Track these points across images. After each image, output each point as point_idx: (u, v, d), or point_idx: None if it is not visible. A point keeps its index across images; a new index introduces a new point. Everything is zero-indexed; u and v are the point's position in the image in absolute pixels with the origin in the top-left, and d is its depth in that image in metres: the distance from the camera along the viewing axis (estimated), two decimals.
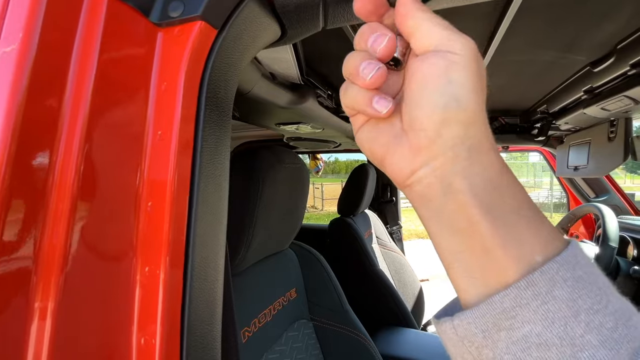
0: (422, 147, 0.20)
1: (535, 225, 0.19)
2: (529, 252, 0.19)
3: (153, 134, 0.26)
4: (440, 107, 0.20)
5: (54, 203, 0.21)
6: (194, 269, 0.27)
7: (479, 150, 0.20)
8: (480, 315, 0.19)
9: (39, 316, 0.20)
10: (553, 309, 0.17)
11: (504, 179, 0.20)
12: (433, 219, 0.21)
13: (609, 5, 0.60)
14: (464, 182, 0.20)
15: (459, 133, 0.20)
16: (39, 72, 0.22)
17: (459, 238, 0.20)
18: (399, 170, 0.22)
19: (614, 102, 0.86)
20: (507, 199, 0.20)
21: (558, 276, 0.18)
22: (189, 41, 0.27)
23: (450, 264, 0.21)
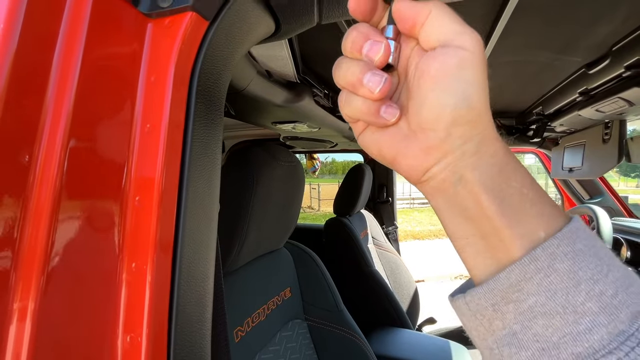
0: (433, 147, 0.21)
1: (538, 205, 0.21)
2: (534, 229, 0.20)
3: (141, 127, 0.26)
4: (450, 107, 0.20)
5: (35, 200, 0.21)
6: (182, 266, 0.26)
7: (486, 143, 0.21)
8: (489, 290, 0.20)
9: (18, 317, 0.19)
10: (555, 281, 0.19)
11: (509, 164, 0.21)
12: (447, 209, 0.23)
13: (604, 7, 0.60)
14: (473, 173, 0.21)
15: (467, 131, 0.21)
16: (21, 62, 0.21)
17: (471, 223, 0.22)
18: (413, 170, 0.23)
19: (609, 104, 0.86)
20: (512, 182, 0.21)
21: (559, 250, 0.19)
22: (179, 32, 0.26)
23: (463, 247, 0.22)
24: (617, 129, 0.98)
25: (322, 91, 1.04)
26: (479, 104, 0.20)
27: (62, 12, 0.23)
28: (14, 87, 0.20)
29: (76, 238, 0.23)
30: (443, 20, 0.20)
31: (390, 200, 2.16)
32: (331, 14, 0.34)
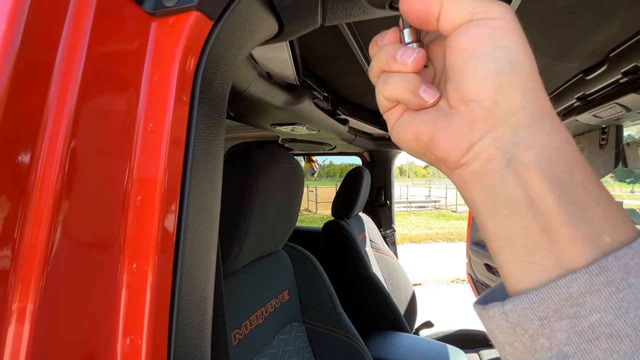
0: (478, 118, 0.19)
1: (604, 205, 0.18)
2: (599, 231, 0.17)
3: (144, 127, 0.26)
4: (491, 74, 0.18)
5: (35, 200, 0.20)
6: (184, 267, 0.26)
7: (542, 116, 0.18)
8: (540, 300, 0.17)
9: (17, 318, 0.19)
10: (628, 298, 0.16)
11: (571, 149, 0.18)
12: (487, 200, 0.19)
13: (601, 15, 0.61)
14: (528, 153, 0.18)
15: (518, 98, 0.18)
16: (24, 60, 0.21)
17: (517, 217, 0.18)
18: (453, 147, 0.20)
19: (606, 109, 0.87)
20: (575, 173, 0.18)
21: (633, 262, 0.16)
22: (183, 32, 0.26)
23: (502, 248, 0.19)
24: (613, 134, 0.99)
25: (322, 93, 1.04)
26: (527, 69, 0.18)
27: (66, 10, 0.23)
28: (16, 86, 0.20)
29: (77, 238, 0.22)
30: (459, 1, 0.19)
31: (388, 203, 2.16)
32: (335, 16, 0.34)
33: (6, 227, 0.19)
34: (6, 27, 0.20)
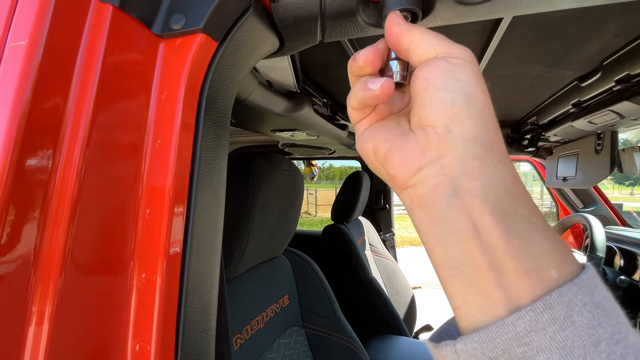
0: (431, 143, 0.19)
1: (549, 239, 0.18)
2: (544, 266, 0.17)
3: (153, 143, 0.27)
4: (448, 103, 0.19)
5: (54, 207, 0.22)
6: (189, 276, 0.27)
7: (491, 149, 0.19)
8: (489, 339, 0.17)
9: (37, 320, 0.20)
10: (572, 336, 0.16)
11: (517, 183, 0.19)
12: (434, 226, 0.19)
13: (595, 24, 0.63)
14: (475, 183, 0.18)
15: (470, 129, 0.19)
16: (43, 76, 0.22)
17: (463, 248, 0.18)
18: (404, 167, 0.21)
19: (601, 116, 0.88)
20: (520, 206, 0.18)
21: (577, 299, 0.16)
22: (190, 53, 0.28)
23: (450, 278, 0.19)
24: (609, 140, 1.01)
25: (321, 100, 1.05)
26: (480, 102, 0.19)
27: (82, 31, 0.24)
28: (37, 102, 0.21)
29: (90, 247, 0.24)
30: (429, 39, 0.21)
31: (387, 207, 2.17)
32: (333, 34, 0.35)
33: (28, 231, 0.21)
34: (30, 40, 0.22)
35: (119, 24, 0.26)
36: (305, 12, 0.32)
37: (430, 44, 0.21)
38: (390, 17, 0.24)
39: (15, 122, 0.21)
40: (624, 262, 1.22)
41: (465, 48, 0.21)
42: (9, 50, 0.22)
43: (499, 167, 0.19)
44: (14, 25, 0.23)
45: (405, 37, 0.22)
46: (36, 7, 0.22)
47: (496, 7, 0.29)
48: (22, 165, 0.21)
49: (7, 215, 0.20)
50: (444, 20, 0.32)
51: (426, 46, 0.21)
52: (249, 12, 0.30)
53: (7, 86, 0.21)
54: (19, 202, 0.20)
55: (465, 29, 0.61)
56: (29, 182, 0.21)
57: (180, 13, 0.27)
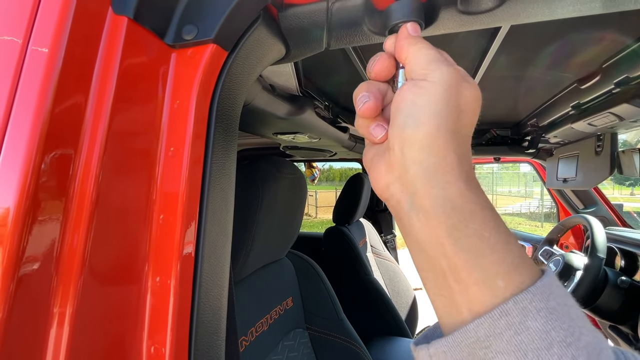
0: (393, 163, 0.23)
1: (500, 252, 0.19)
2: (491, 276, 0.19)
3: (166, 150, 0.28)
4: (401, 127, 0.22)
5: (74, 211, 0.23)
6: (202, 279, 0.28)
7: (436, 172, 0.21)
8: (456, 344, 0.19)
9: (58, 322, 0.21)
10: (526, 340, 0.17)
11: (466, 202, 0.20)
12: (406, 237, 0.22)
13: (594, 29, 0.64)
14: (425, 201, 0.21)
15: (416, 153, 0.21)
16: (64, 83, 0.23)
17: (426, 257, 0.21)
18: (376, 182, 0.24)
19: (600, 118, 0.89)
20: (470, 222, 0.20)
21: (531, 306, 0.18)
22: (201, 62, 0.28)
23: (425, 280, 0.22)
24: (608, 142, 1.01)
25: (323, 103, 1.06)
26: (426, 128, 0.21)
27: (99, 43, 0.25)
28: (58, 110, 0.22)
29: (108, 251, 0.24)
30: (416, 58, 0.23)
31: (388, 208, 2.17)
32: (338, 42, 0.36)
33: (50, 235, 0.22)
34: (50, 48, 0.23)
35: (133, 35, 0.26)
36: (312, 22, 0.33)
37: (416, 63, 0.23)
38: (400, 30, 0.26)
39: (37, 129, 0.21)
40: (624, 263, 1.23)
41: (444, 69, 0.22)
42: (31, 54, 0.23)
43: (446, 187, 0.21)
44: (35, 33, 0.24)
45: (402, 53, 0.24)
46: (56, 18, 0.23)
47: (498, 16, 0.30)
48: (44, 171, 0.21)
49: (32, 219, 0.20)
50: (448, 28, 0.33)
51: (413, 65, 0.23)
52: (258, 22, 0.30)
53: (29, 94, 0.22)
54: (42, 206, 0.21)
55: (467, 32, 0.62)
56: (50, 187, 0.22)
57: (192, 24, 0.28)
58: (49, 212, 0.22)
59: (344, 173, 22.86)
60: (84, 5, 0.24)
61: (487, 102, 1.16)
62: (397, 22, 0.27)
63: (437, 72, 0.22)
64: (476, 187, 0.21)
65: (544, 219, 11.63)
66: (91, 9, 0.24)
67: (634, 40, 0.65)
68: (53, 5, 0.23)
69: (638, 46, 0.66)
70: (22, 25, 0.24)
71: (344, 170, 22.39)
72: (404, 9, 0.27)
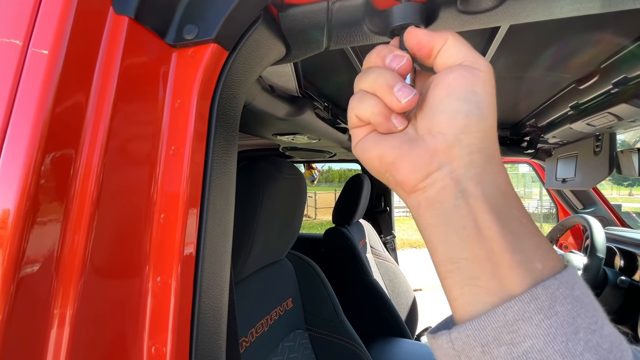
0: (439, 149, 0.21)
1: (535, 237, 0.20)
2: (532, 259, 0.19)
3: (167, 149, 0.28)
4: (463, 114, 0.21)
5: (75, 212, 0.22)
6: (203, 279, 0.28)
7: (492, 159, 0.21)
8: (481, 327, 0.19)
9: (58, 323, 0.21)
10: (555, 325, 0.17)
11: (510, 189, 0.21)
12: (439, 225, 0.21)
13: (591, 29, 0.64)
14: (478, 186, 0.20)
15: (477, 141, 0.21)
16: (65, 83, 0.23)
17: (465, 243, 0.20)
18: (413, 172, 0.22)
19: (599, 118, 0.90)
20: (513, 208, 0.21)
21: (559, 292, 0.18)
22: (202, 62, 0.28)
23: (449, 272, 0.21)
24: (607, 142, 1.02)
25: (323, 104, 1.06)
26: (490, 118, 0.21)
27: (100, 42, 0.25)
28: (58, 110, 0.22)
29: (108, 251, 0.24)
30: (460, 46, 0.23)
31: (388, 209, 2.18)
32: (339, 42, 0.36)
33: (51, 235, 0.21)
34: (51, 51, 0.23)
35: (134, 34, 0.26)
36: (312, 22, 0.33)
37: (459, 50, 0.22)
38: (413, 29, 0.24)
39: (38, 129, 0.21)
40: (624, 263, 1.23)
41: (487, 62, 0.22)
42: (31, 55, 0.23)
43: (497, 175, 0.21)
44: (35, 34, 0.24)
45: (438, 41, 0.23)
46: (57, 19, 0.23)
47: (498, 16, 0.30)
48: (44, 171, 0.21)
49: (32, 220, 0.20)
50: (448, 28, 0.33)
51: (456, 51, 0.22)
52: (258, 22, 0.31)
53: (30, 94, 0.22)
54: (42, 207, 0.21)
55: (466, 32, 0.63)
56: (51, 188, 0.22)
57: (193, 24, 0.28)
58: (49, 213, 0.22)
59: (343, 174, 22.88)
60: (84, 5, 0.24)
61: None
62: (400, 24, 0.27)
63: (485, 62, 0.22)
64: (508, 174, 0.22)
65: (543, 220, 11.64)
66: (92, 9, 0.24)
67: (632, 40, 0.65)
68: (54, 6, 0.23)
69: (636, 47, 0.66)
70: (23, 26, 0.24)
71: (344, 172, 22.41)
72: (406, 9, 0.27)
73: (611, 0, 0.28)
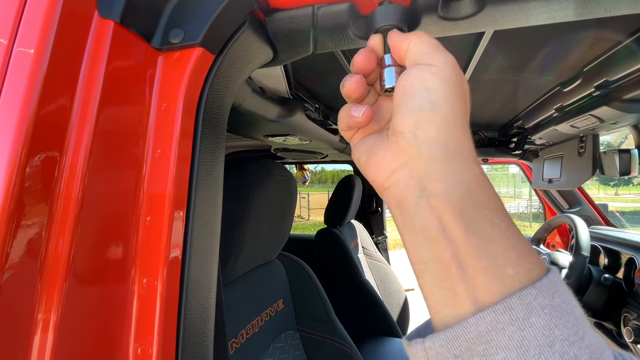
0: (401, 149, 0.22)
1: (510, 240, 0.19)
2: (501, 264, 0.18)
3: (153, 152, 0.28)
4: (415, 110, 0.21)
5: (59, 214, 0.23)
6: (189, 281, 0.28)
7: (455, 156, 0.20)
8: (454, 337, 0.18)
9: (42, 328, 0.21)
10: (529, 337, 0.17)
11: (481, 187, 0.20)
12: (407, 225, 0.21)
13: (573, 34, 0.66)
14: (438, 184, 0.20)
15: (433, 134, 0.21)
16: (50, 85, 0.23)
17: (430, 244, 0.20)
18: (379, 171, 0.23)
19: (582, 120, 0.92)
20: (482, 208, 0.19)
21: (536, 302, 0.17)
22: (188, 65, 0.29)
23: (421, 272, 0.21)
24: (590, 143, 1.04)
25: (313, 105, 1.07)
26: (445, 110, 0.21)
27: (85, 46, 0.25)
28: (42, 112, 0.22)
29: (93, 253, 0.24)
30: (419, 45, 0.24)
31: (379, 210, 2.19)
32: (325, 46, 0.37)
33: (34, 239, 0.21)
34: (36, 51, 0.23)
35: (119, 38, 0.27)
36: (298, 26, 0.34)
37: (419, 50, 0.23)
38: (391, 31, 0.26)
39: (22, 131, 0.21)
40: (608, 261, 1.26)
41: (448, 55, 0.23)
42: (16, 54, 0.23)
43: (463, 172, 0.20)
44: (20, 33, 0.24)
45: (402, 44, 0.24)
46: (41, 20, 0.23)
47: (478, 22, 0.31)
48: (28, 173, 0.21)
49: (16, 223, 0.20)
50: (430, 33, 0.34)
51: (416, 52, 0.24)
52: (244, 26, 0.31)
53: (14, 95, 0.22)
54: (26, 209, 0.21)
55: (453, 37, 0.64)
56: (35, 190, 0.22)
57: (179, 27, 0.29)
58: (33, 215, 0.22)
59: (336, 175, 22.91)
60: (69, 8, 0.24)
61: (475, 105, 1.18)
62: (381, 25, 0.28)
63: (442, 57, 0.22)
64: (486, 175, 0.21)
65: (533, 219, 11.83)
66: (77, 12, 0.25)
67: (613, 45, 0.67)
68: (38, 8, 0.24)
69: (616, 51, 0.69)
70: (8, 26, 0.24)
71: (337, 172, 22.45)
72: (387, 13, 0.28)
73: (583, 10, 0.29)
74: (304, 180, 2.44)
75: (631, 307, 1.06)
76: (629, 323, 1.04)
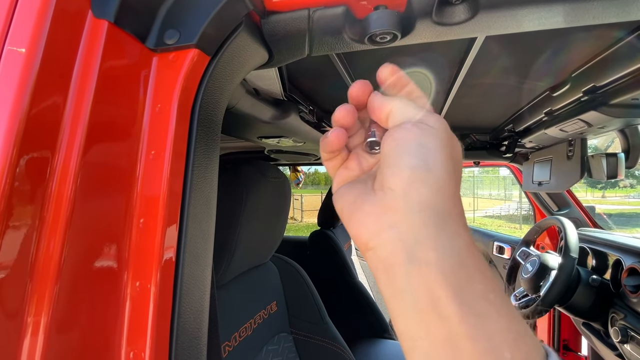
0: (388, 206, 0.20)
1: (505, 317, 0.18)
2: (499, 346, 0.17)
3: (147, 153, 0.28)
4: (409, 167, 0.20)
5: (51, 216, 0.22)
6: (183, 284, 0.28)
7: (447, 217, 0.19)
8: None
9: (32, 331, 0.21)
10: None
11: (472, 257, 0.19)
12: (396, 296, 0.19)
13: (561, 40, 0.67)
14: (431, 253, 0.18)
15: (426, 197, 0.19)
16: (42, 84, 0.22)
17: (421, 319, 0.18)
18: (364, 228, 0.21)
19: (571, 124, 0.94)
20: (475, 282, 0.18)
21: None
22: (183, 67, 0.29)
23: (410, 350, 0.18)
24: (579, 147, 1.07)
25: (308, 107, 1.07)
26: (440, 172, 0.20)
27: (78, 45, 0.25)
28: (35, 112, 0.22)
29: (86, 255, 0.24)
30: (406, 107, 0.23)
31: None
32: (320, 49, 0.37)
33: (25, 240, 0.21)
34: (27, 50, 0.22)
35: (114, 38, 0.26)
36: (293, 29, 0.34)
37: (406, 109, 0.23)
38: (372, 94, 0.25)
39: (13, 130, 0.21)
40: (595, 262, 1.29)
41: (438, 117, 0.22)
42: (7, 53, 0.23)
43: (454, 239, 0.19)
44: (12, 31, 0.23)
45: (385, 106, 0.23)
46: (34, 18, 0.23)
47: (471, 27, 0.32)
48: (19, 174, 0.21)
49: (5, 224, 0.20)
50: (423, 38, 0.34)
51: (403, 112, 0.23)
52: (240, 28, 0.31)
53: (5, 94, 0.22)
54: (17, 210, 0.21)
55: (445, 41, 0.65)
56: (26, 190, 0.21)
57: (174, 29, 0.28)
58: (24, 216, 0.21)
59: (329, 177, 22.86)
60: (62, 7, 0.24)
61: (467, 109, 1.20)
62: (376, 30, 0.28)
63: (434, 118, 0.22)
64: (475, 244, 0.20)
65: (523, 221, 12.00)
66: (70, 11, 0.24)
67: (601, 51, 0.69)
68: (30, 6, 0.23)
69: (603, 57, 0.70)
70: None
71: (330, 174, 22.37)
72: (382, 18, 0.28)
73: (573, 17, 0.30)
74: (297, 182, 2.44)
75: (618, 307, 1.08)
76: (616, 323, 1.06)
